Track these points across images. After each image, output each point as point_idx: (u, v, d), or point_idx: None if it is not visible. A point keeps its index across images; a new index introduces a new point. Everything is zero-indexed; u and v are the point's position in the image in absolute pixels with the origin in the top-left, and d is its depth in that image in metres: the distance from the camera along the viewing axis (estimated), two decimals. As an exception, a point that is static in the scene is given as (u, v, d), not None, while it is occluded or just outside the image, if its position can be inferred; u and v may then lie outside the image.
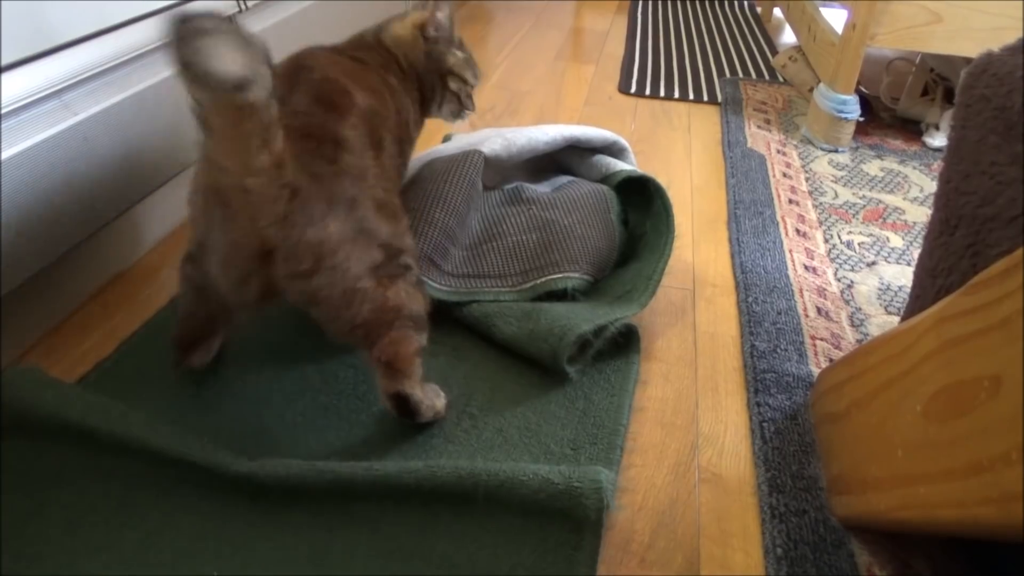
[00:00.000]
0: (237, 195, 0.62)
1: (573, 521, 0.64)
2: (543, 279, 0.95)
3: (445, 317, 0.92)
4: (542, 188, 1.15)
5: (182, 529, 0.64)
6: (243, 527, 0.65)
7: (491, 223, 1.05)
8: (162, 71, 0.98)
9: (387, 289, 0.70)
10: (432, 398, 0.77)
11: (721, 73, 1.93)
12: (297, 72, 0.76)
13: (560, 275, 0.95)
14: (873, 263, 1.10)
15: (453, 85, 0.98)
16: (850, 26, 1.41)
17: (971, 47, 1.37)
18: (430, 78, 0.96)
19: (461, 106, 1.01)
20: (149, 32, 0.95)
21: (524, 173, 1.21)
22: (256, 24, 1.20)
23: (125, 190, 0.94)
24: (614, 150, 1.20)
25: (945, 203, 0.67)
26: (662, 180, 1.07)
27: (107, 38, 0.89)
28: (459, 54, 0.98)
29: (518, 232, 1.02)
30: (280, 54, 1.25)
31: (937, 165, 1.44)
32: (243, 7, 1.14)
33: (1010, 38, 0.64)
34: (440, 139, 1.41)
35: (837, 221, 1.22)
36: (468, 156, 1.05)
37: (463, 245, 1.00)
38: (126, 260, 1.02)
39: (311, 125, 0.70)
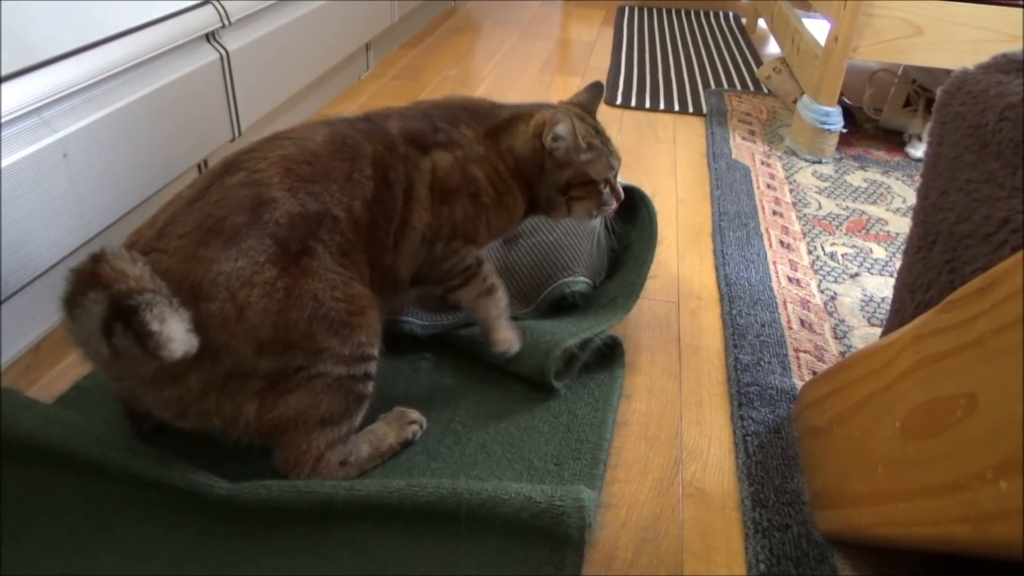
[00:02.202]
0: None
1: (555, 540, 0.63)
2: (543, 294, 0.97)
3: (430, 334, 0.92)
4: None
5: (161, 554, 0.63)
6: (223, 551, 0.64)
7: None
8: (144, 88, 0.98)
9: (273, 406, 0.67)
10: (354, 461, 0.73)
11: (706, 84, 1.94)
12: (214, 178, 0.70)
13: (556, 284, 0.96)
14: (856, 275, 1.11)
15: (579, 193, 0.86)
16: (832, 38, 1.42)
17: (952, 59, 1.39)
18: (544, 189, 0.86)
19: (598, 204, 0.88)
20: (130, 49, 0.95)
21: None
22: (238, 39, 1.20)
23: (106, 206, 0.93)
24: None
25: (923, 219, 0.67)
26: (647, 192, 1.07)
27: (87, 55, 0.88)
28: (584, 157, 0.84)
29: (512, 264, 1.03)
30: (261, 70, 1.26)
31: (919, 176, 1.45)
32: (226, 23, 1.14)
33: (990, 50, 0.65)
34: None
35: (821, 232, 1.23)
36: None
37: None
38: (108, 276, 1.01)
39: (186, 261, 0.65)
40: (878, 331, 0.98)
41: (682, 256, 1.16)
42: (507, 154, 0.84)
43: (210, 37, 1.13)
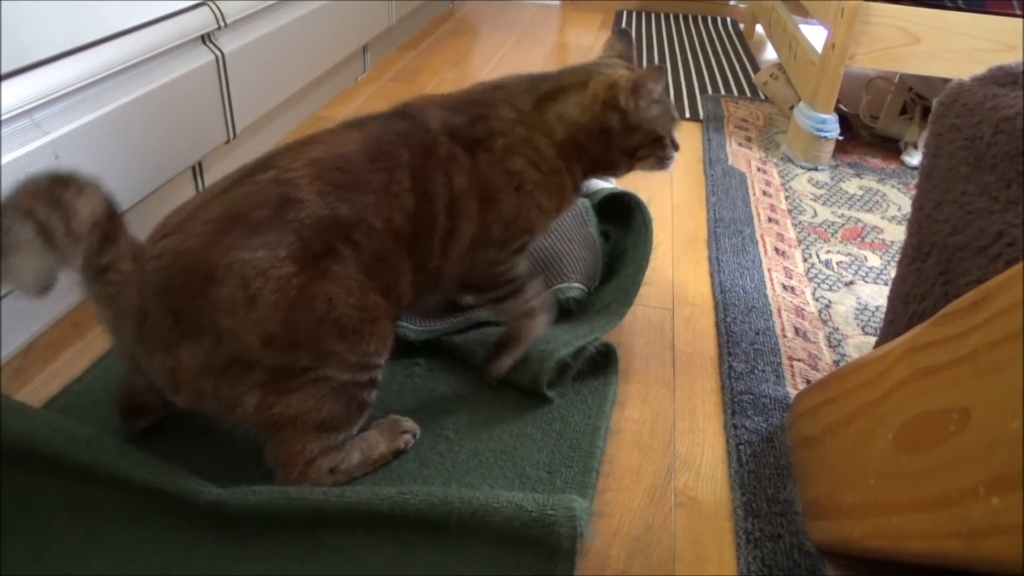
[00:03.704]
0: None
1: (546, 550, 0.63)
2: None
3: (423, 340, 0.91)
4: None
5: (149, 560, 0.63)
6: (212, 558, 0.63)
7: None
8: (137, 90, 0.98)
9: (274, 403, 0.66)
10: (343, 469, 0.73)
11: (703, 90, 1.94)
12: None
13: (550, 290, 0.95)
14: (851, 283, 1.11)
15: (645, 152, 0.85)
16: (829, 45, 1.42)
17: (948, 68, 1.39)
18: (607, 153, 0.83)
19: (661, 159, 0.87)
20: (124, 51, 0.95)
21: None
22: (234, 41, 1.19)
23: (99, 209, 0.93)
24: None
25: (918, 230, 0.67)
26: (643, 198, 1.07)
27: (80, 56, 0.88)
28: (656, 113, 0.82)
29: None
30: (257, 72, 1.25)
31: (915, 184, 1.45)
32: (221, 24, 1.13)
33: (987, 59, 0.65)
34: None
35: (816, 240, 1.23)
36: None
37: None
38: (100, 278, 1.01)
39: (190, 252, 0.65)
40: (872, 340, 0.98)
41: (677, 263, 1.16)
42: (556, 127, 0.80)
43: (205, 39, 1.13)
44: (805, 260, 1.17)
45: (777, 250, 1.19)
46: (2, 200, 0.58)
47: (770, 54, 2.36)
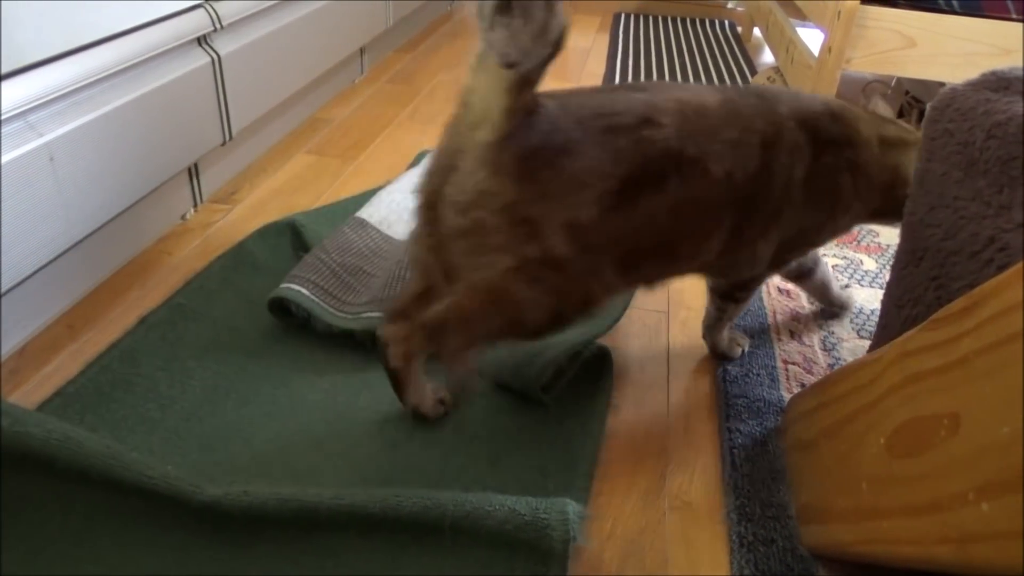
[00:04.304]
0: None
1: (539, 553, 0.63)
2: None
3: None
4: None
5: (142, 563, 0.63)
6: (205, 561, 0.63)
7: None
8: (133, 92, 0.98)
9: (512, 282, 0.67)
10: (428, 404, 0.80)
11: (701, 92, 1.94)
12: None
13: None
14: (846, 286, 1.11)
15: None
16: (826, 49, 1.42)
17: (945, 72, 1.39)
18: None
19: None
20: (119, 53, 0.94)
21: None
22: (230, 43, 1.19)
23: (93, 210, 0.93)
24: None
25: (911, 234, 0.67)
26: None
27: (75, 58, 0.88)
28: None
29: None
30: (254, 74, 1.25)
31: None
32: (218, 26, 1.13)
33: (983, 63, 0.65)
34: (413, 156, 1.40)
35: (812, 243, 1.23)
36: None
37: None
38: (94, 281, 1.01)
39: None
40: (867, 343, 0.98)
41: (673, 265, 1.16)
42: (887, 175, 0.80)
43: (202, 41, 1.13)
44: (801, 263, 1.17)
45: (773, 253, 1.19)
46: None
47: (767, 57, 2.36)
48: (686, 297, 1.08)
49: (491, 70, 0.61)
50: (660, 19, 2.73)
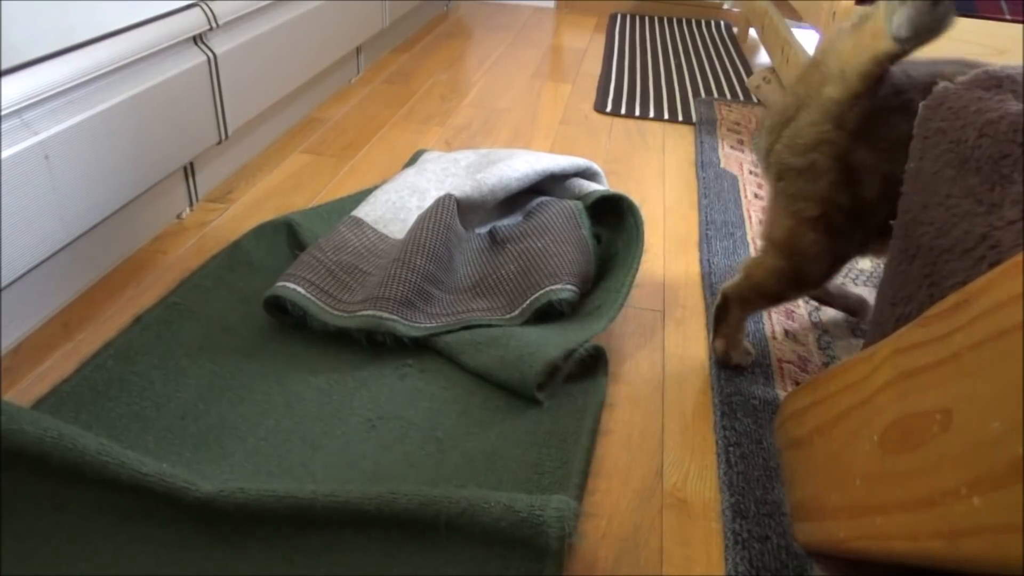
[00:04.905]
0: None
1: (535, 550, 0.63)
2: (528, 300, 0.96)
3: (413, 340, 0.91)
4: (513, 220, 1.16)
5: (137, 561, 0.63)
6: (199, 558, 0.63)
7: (473, 268, 1.05)
8: (128, 90, 0.98)
9: (810, 229, 0.78)
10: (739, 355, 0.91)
11: (696, 93, 1.95)
12: None
13: (543, 291, 0.96)
14: (841, 285, 1.11)
15: None
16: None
17: (938, 72, 1.39)
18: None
19: None
20: (115, 51, 0.94)
21: (497, 206, 1.21)
22: (226, 42, 1.19)
23: (88, 209, 0.93)
24: (587, 175, 1.21)
25: (904, 232, 0.67)
26: (635, 200, 1.07)
27: (71, 56, 0.88)
28: None
29: (498, 269, 1.03)
30: (250, 73, 1.25)
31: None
32: (214, 25, 1.13)
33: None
34: (408, 156, 1.41)
35: (807, 243, 1.23)
36: (441, 202, 1.05)
37: (450, 289, 1.00)
38: (89, 279, 1.01)
39: None
40: (861, 342, 0.99)
41: (668, 265, 1.16)
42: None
43: (198, 39, 1.13)
44: (796, 263, 1.17)
45: (768, 253, 1.19)
46: None
47: (763, 58, 2.37)
48: (681, 296, 1.08)
49: (868, 35, 0.66)
50: (656, 20, 2.74)
